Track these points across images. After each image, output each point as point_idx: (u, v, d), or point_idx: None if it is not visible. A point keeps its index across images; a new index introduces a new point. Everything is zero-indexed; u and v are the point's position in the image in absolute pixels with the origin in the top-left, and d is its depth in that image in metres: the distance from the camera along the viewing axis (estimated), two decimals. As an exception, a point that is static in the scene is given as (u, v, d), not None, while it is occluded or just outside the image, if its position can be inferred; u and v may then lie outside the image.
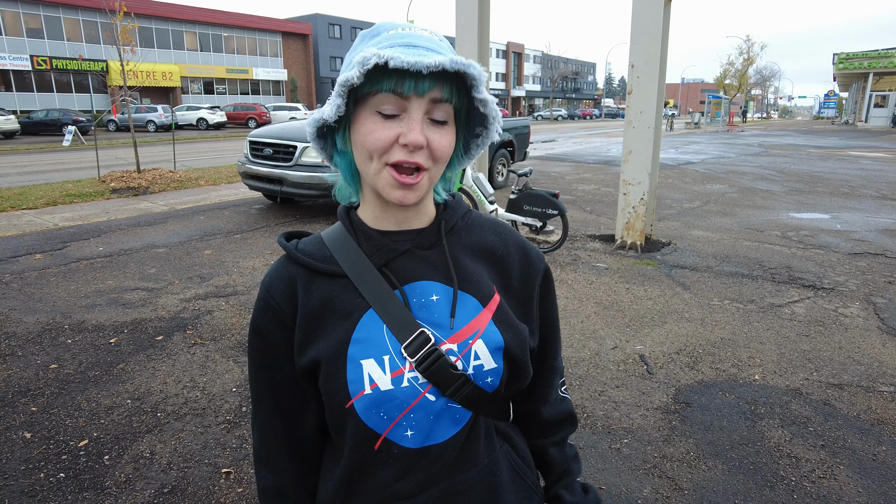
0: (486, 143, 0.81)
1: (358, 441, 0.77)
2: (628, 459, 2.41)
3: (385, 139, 0.71)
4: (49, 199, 8.32)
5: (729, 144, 21.63)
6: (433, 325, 0.78)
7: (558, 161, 14.87)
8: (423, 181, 0.74)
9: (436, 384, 0.76)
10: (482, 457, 0.82)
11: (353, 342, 0.76)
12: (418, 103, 0.71)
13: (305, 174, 6.94)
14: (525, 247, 0.89)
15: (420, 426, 0.77)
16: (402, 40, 0.72)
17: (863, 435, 2.58)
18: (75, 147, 18.66)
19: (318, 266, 0.80)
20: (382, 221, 0.81)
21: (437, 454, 0.78)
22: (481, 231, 0.87)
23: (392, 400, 0.75)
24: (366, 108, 0.72)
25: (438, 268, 0.81)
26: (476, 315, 0.79)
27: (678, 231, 6.66)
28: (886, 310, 4.12)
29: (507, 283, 0.85)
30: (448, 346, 0.77)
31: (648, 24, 5.26)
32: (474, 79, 0.70)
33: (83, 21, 35.13)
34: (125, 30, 10.49)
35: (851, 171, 12.68)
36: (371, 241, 0.80)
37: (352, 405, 0.75)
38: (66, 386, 3.00)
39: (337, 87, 0.70)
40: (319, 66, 50.23)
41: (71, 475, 2.29)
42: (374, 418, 0.75)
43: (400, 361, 0.76)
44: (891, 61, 36.48)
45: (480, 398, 0.79)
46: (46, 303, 4.20)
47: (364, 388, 0.74)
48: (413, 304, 0.78)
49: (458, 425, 0.79)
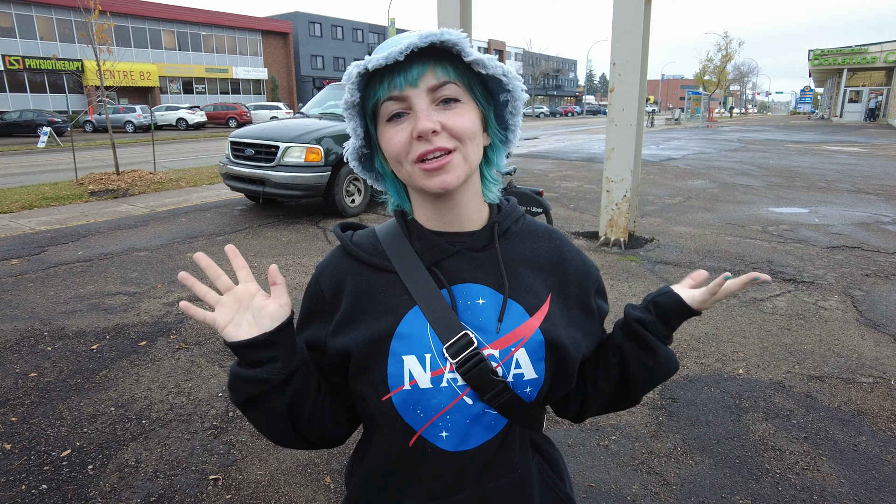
0: (518, 106, 0.79)
1: (392, 434, 0.77)
2: (616, 456, 2.43)
3: (402, 140, 0.73)
4: (25, 203, 8.14)
5: (709, 140, 21.90)
6: (477, 328, 0.77)
7: (541, 158, 14.93)
8: (455, 160, 0.73)
9: (474, 388, 0.76)
10: (516, 466, 0.82)
11: (396, 336, 0.76)
12: (417, 94, 0.71)
13: (288, 174, 6.88)
14: (581, 254, 0.90)
15: (456, 429, 0.77)
16: (391, 42, 0.73)
17: (844, 426, 2.63)
18: (51, 149, 18.28)
19: (368, 259, 0.82)
20: (434, 222, 0.82)
21: (469, 458, 0.78)
22: (536, 237, 0.87)
23: (430, 399, 0.75)
24: (381, 123, 0.75)
25: (488, 271, 0.81)
26: (521, 323, 0.79)
27: (661, 227, 6.73)
28: (864, 302, 4.20)
29: (565, 290, 0.85)
30: (490, 351, 0.77)
31: (629, 23, 5.29)
32: (455, 44, 0.70)
33: (57, 19, 34.40)
34: (101, 29, 10.30)
35: (828, 166, 12.92)
36: (423, 240, 0.81)
37: (389, 399, 0.75)
38: (46, 394, 2.94)
39: (344, 111, 0.75)
40: (300, 65, 49.81)
41: (54, 486, 2.25)
42: (410, 414, 0.76)
43: (441, 361, 0.76)
44: (864, 57, 37.21)
45: (517, 406, 0.78)
46: (24, 309, 4.11)
47: (403, 383, 0.75)
48: (459, 305, 0.78)
49: (492, 432, 0.79)
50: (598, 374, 0.89)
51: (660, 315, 0.84)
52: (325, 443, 0.86)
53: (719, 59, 59.07)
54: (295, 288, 4.53)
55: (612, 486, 2.25)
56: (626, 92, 5.44)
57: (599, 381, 0.88)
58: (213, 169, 12.05)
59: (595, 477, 2.30)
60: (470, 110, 0.74)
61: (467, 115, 0.73)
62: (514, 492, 0.81)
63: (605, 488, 2.23)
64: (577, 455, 2.43)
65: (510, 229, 0.85)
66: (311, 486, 2.26)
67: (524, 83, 0.77)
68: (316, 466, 2.38)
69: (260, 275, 4.89)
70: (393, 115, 0.73)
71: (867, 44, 37.15)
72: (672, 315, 0.84)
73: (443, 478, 0.78)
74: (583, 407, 0.92)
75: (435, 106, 0.72)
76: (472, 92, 0.75)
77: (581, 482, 2.27)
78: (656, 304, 0.85)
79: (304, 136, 7.02)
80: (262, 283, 4.95)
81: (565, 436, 2.56)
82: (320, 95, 9.00)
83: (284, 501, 2.18)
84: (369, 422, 0.82)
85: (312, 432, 0.82)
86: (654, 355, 0.84)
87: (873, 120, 37.74)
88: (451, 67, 0.72)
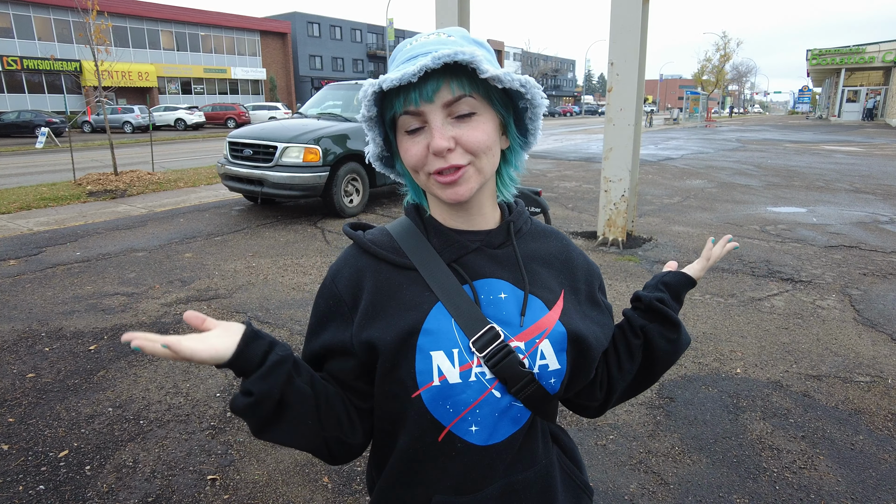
0: (538, 112, 0.80)
1: (422, 430, 0.77)
2: (614, 455, 2.44)
3: (418, 154, 0.74)
4: (23, 203, 8.13)
5: (707, 140, 21.92)
6: (501, 322, 0.78)
7: (540, 158, 14.94)
8: (469, 173, 0.75)
9: (503, 381, 0.77)
10: (540, 457, 0.84)
11: (423, 333, 0.76)
12: (433, 110, 0.72)
13: (286, 174, 6.88)
14: (584, 253, 0.94)
15: (485, 423, 0.77)
16: (406, 55, 0.74)
17: (841, 425, 2.64)
18: (49, 149, 18.25)
19: (387, 257, 0.82)
20: (451, 221, 0.83)
21: (497, 452, 0.79)
22: (545, 237, 0.91)
23: (460, 393, 0.76)
24: (400, 133, 0.76)
25: (507, 267, 0.83)
26: (542, 316, 0.81)
27: (659, 227, 6.73)
28: (861, 301, 4.21)
29: (575, 286, 0.88)
30: (516, 343, 0.78)
31: (627, 23, 5.30)
32: (469, 63, 0.70)
33: (54, 20, 34.36)
34: (99, 29, 10.28)
35: (826, 165, 12.94)
36: (442, 237, 0.82)
37: (419, 395, 0.76)
38: (44, 395, 2.94)
39: (364, 125, 0.77)
40: (298, 65, 49.79)
41: (51, 487, 2.25)
42: (440, 410, 0.76)
43: (468, 356, 0.76)
44: (862, 57, 37.24)
45: (542, 398, 0.80)
46: (22, 310, 4.11)
47: (433, 379, 0.75)
48: (482, 300, 0.79)
49: (517, 424, 0.80)
50: (622, 359, 0.94)
51: (672, 293, 0.97)
52: (344, 451, 0.82)
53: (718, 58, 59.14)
54: (293, 289, 4.53)
55: (610, 485, 2.25)
56: (624, 92, 5.45)
57: (625, 364, 0.94)
58: (211, 169, 12.04)
59: (593, 477, 2.30)
60: (486, 122, 0.75)
61: (482, 129, 0.74)
62: (540, 482, 0.83)
63: (603, 488, 2.23)
64: (575, 454, 2.43)
65: (522, 229, 0.88)
66: (309, 486, 2.26)
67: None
68: (314, 467, 2.38)
69: (258, 275, 4.89)
70: (409, 129, 0.74)
71: (865, 44, 37.17)
72: (681, 289, 0.98)
73: (473, 472, 0.79)
74: (609, 393, 0.95)
75: (451, 119, 0.73)
76: (490, 101, 0.76)
77: (579, 481, 2.27)
78: (665, 283, 0.98)
79: (302, 137, 7.02)
80: (261, 283, 4.92)
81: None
82: (319, 95, 8.99)
83: (282, 502, 2.18)
84: (394, 421, 0.80)
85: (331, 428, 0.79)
86: (677, 329, 0.94)
87: (871, 119, 37.80)
88: (466, 80, 0.72)
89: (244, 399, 0.71)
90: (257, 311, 4.06)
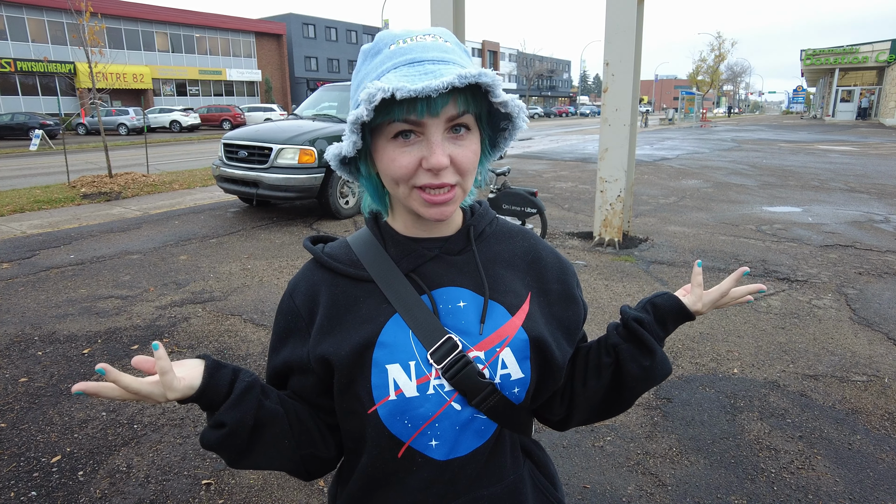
0: (514, 135, 0.78)
1: (381, 448, 0.75)
2: (612, 457, 2.43)
3: (408, 165, 0.70)
4: (16, 206, 8.08)
5: (703, 140, 21.98)
6: (460, 331, 0.76)
7: (535, 159, 14.95)
8: (457, 194, 0.73)
9: (462, 392, 0.74)
10: (508, 472, 0.81)
11: (378, 346, 0.74)
12: (435, 124, 0.68)
13: (281, 176, 6.85)
14: (555, 251, 0.90)
15: (445, 437, 0.75)
16: (404, 57, 0.69)
17: (838, 425, 2.63)
18: (43, 151, 18.17)
19: (344, 270, 0.80)
20: (411, 229, 0.80)
21: (459, 466, 0.77)
22: (511, 238, 0.87)
23: (418, 407, 0.73)
24: (383, 137, 0.71)
25: (467, 274, 0.80)
26: (504, 323, 0.78)
27: (655, 227, 6.74)
28: (857, 300, 4.22)
29: (544, 287, 0.84)
30: (475, 353, 0.75)
31: (622, 24, 5.30)
32: (489, 86, 0.67)
33: (48, 21, 34.19)
34: (92, 31, 10.24)
35: (821, 165, 12.99)
36: (399, 247, 0.80)
37: (375, 411, 0.74)
38: (36, 400, 2.91)
39: (349, 125, 0.68)
40: (294, 66, 49.71)
41: (43, 493, 2.22)
42: (398, 425, 0.74)
43: (426, 368, 0.74)
44: (855, 57, 37.43)
45: (506, 410, 0.77)
46: (15, 314, 4.07)
47: (389, 393, 0.73)
48: (440, 309, 0.77)
49: (482, 438, 0.77)
50: (589, 375, 0.88)
51: (657, 316, 0.87)
52: (318, 466, 0.83)
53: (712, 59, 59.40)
54: (289, 290, 4.50)
55: (608, 487, 2.24)
56: (620, 92, 5.45)
57: (590, 381, 0.88)
58: (206, 171, 12.00)
59: (590, 478, 2.29)
60: (475, 141, 0.73)
61: (472, 148, 0.72)
62: (507, 498, 0.80)
63: (601, 489, 2.22)
64: (572, 456, 2.42)
65: (485, 231, 0.84)
66: (304, 490, 2.25)
67: (519, 84, 0.75)
68: (309, 470, 2.36)
69: (254, 277, 4.87)
70: (399, 133, 0.69)
71: (859, 44, 37.38)
72: (669, 317, 0.87)
73: (434, 487, 0.77)
74: (569, 411, 0.90)
75: (447, 135, 0.70)
76: (479, 119, 0.74)
77: (576, 484, 2.26)
78: (654, 305, 0.88)
79: (297, 138, 7.00)
80: (256, 285, 4.88)
81: (560, 437, 2.55)
82: (314, 97, 8.97)
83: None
84: (356, 438, 0.79)
85: (306, 445, 0.79)
86: (651, 355, 0.85)
87: (865, 119, 38.00)
88: (470, 98, 0.70)
89: (216, 432, 0.70)
90: (252, 314, 4.04)
